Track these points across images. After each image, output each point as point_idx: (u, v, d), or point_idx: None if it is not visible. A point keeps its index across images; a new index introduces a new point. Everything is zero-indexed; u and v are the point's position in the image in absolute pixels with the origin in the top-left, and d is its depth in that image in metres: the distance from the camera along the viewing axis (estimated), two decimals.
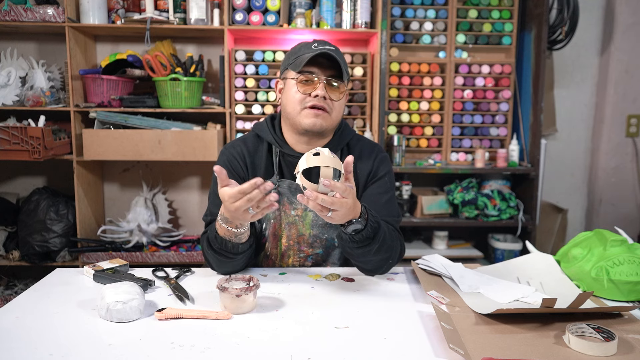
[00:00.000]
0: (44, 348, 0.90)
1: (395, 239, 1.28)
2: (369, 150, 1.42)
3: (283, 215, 1.35)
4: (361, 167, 1.38)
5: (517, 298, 1.13)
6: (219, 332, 0.98)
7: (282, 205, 1.34)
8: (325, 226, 1.36)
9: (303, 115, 1.29)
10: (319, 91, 1.27)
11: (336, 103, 1.31)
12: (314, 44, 1.30)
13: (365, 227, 1.14)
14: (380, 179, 1.39)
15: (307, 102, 1.29)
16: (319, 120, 1.28)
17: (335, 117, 1.32)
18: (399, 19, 2.71)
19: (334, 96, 1.30)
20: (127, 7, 2.46)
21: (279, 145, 1.36)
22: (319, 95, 1.27)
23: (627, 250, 1.18)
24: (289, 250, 1.38)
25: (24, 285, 2.63)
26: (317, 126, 1.29)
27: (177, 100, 2.38)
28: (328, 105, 1.29)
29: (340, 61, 1.28)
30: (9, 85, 2.37)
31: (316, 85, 1.28)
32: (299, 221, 1.35)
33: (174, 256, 2.46)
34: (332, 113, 1.30)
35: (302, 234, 1.36)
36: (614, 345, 0.89)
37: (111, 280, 1.20)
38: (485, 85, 2.79)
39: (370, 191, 1.37)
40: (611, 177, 3.10)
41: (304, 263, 1.40)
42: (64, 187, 2.63)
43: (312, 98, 1.28)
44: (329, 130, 1.34)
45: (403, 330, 1.00)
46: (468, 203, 2.65)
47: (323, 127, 1.30)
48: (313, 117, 1.28)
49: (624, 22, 2.95)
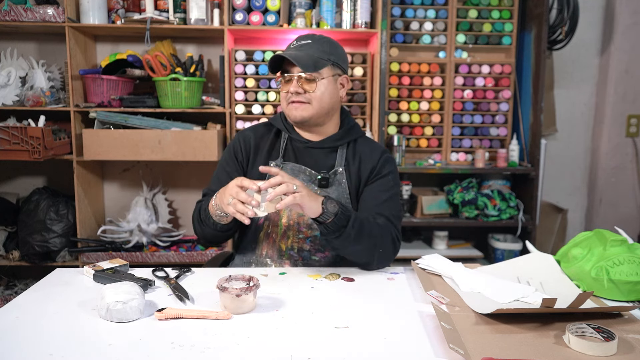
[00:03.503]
0: (44, 348, 0.90)
1: (382, 229, 1.33)
2: (375, 150, 1.49)
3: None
4: (365, 165, 1.45)
5: (517, 298, 1.13)
6: (219, 332, 0.98)
7: None
8: None
9: (288, 109, 1.44)
10: (291, 88, 1.40)
11: (314, 94, 1.40)
12: (293, 42, 1.44)
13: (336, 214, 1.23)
14: (382, 177, 1.44)
15: (289, 97, 1.42)
16: (298, 112, 1.41)
17: (318, 105, 1.41)
18: (399, 19, 2.71)
19: (307, 88, 1.40)
20: (127, 7, 2.46)
21: (287, 131, 1.49)
22: (291, 92, 1.40)
23: (627, 250, 1.18)
24: (289, 231, 1.44)
25: (24, 285, 2.63)
26: (298, 117, 1.42)
27: (177, 100, 2.38)
28: (305, 97, 1.40)
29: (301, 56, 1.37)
30: (9, 85, 2.37)
31: (290, 83, 1.41)
32: None
33: (174, 256, 2.46)
34: (312, 102, 1.41)
35: (301, 215, 1.42)
36: (614, 345, 0.89)
37: (111, 280, 1.20)
38: (485, 85, 2.79)
39: (371, 188, 1.44)
40: (611, 177, 3.10)
41: (303, 245, 1.44)
42: (64, 187, 2.63)
43: (291, 94, 1.41)
44: (320, 119, 1.44)
45: (403, 330, 1.00)
46: (468, 203, 2.65)
47: (304, 117, 1.41)
48: (294, 110, 1.42)
49: (623, 22, 2.95)
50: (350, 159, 1.46)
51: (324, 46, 1.42)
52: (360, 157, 1.47)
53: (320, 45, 1.41)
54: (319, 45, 1.41)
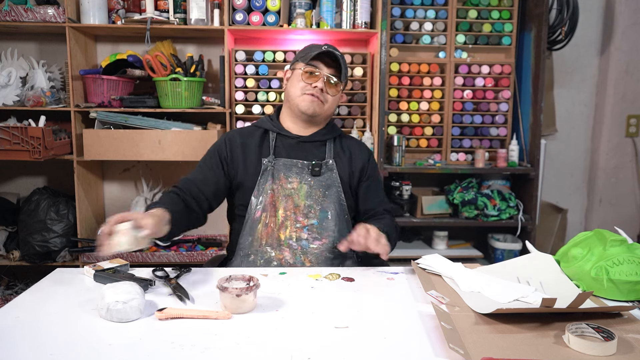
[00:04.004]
0: (44, 348, 0.90)
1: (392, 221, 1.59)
2: (364, 151, 1.63)
3: (280, 189, 1.51)
4: (355, 161, 1.59)
5: (517, 298, 1.13)
6: (219, 332, 0.98)
7: (278, 180, 1.51)
8: (319, 198, 1.51)
9: (301, 99, 1.50)
10: (319, 83, 1.49)
11: (330, 97, 1.52)
12: (325, 46, 1.51)
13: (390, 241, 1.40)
14: (372, 176, 1.62)
15: (307, 90, 1.50)
16: (313, 105, 1.50)
17: (327, 108, 1.54)
18: (399, 19, 2.71)
19: (330, 91, 1.52)
20: (127, 8, 2.46)
21: (277, 130, 1.56)
22: (317, 87, 1.49)
23: (627, 250, 1.18)
24: (286, 221, 1.49)
25: (24, 285, 2.63)
26: (310, 110, 1.50)
27: (177, 101, 2.38)
28: (323, 97, 1.51)
29: (342, 63, 1.51)
30: (10, 85, 2.37)
31: (318, 78, 1.49)
32: (295, 193, 1.50)
33: (174, 256, 2.46)
34: (325, 104, 1.52)
35: (297, 205, 1.49)
36: (613, 345, 0.89)
37: (111, 280, 1.20)
38: (485, 86, 2.79)
39: (367, 189, 1.60)
40: (611, 177, 3.10)
41: (300, 234, 1.48)
42: (64, 187, 2.63)
43: (312, 88, 1.49)
44: (321, 119, 1.56)
45: (403, 330, 1.00)
46: (468, 203, 2.65)
47: (316, 112, 1.51)
48: (309, 102, 1.49)
49: (623, 22, 2.96)
50: (340, 152, 1.58)
51: (345, 63, 1.53)
52: (350, 152, 1.59)
53: (344, 61, 1.53)
54: (344, 61, 1.52)
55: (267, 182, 1.50)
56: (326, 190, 1.52)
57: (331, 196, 1.51)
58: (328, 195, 1.51)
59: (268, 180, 1.50)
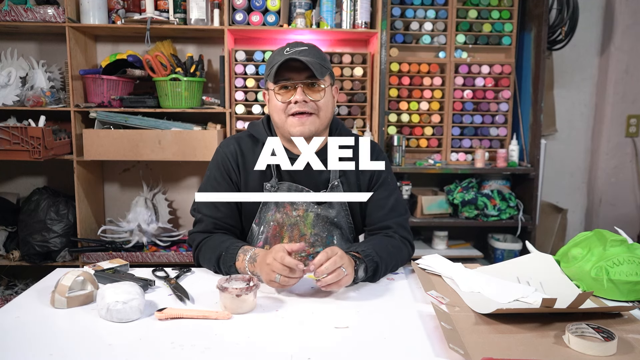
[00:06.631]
0: (44, 348, 0.90)
1: (400, 249, 1.34)
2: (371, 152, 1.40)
3: (285, 217, 1.37)
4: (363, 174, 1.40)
5: (517, 298, 1.13)
6: (219, 332, 0.98)
7: (283, 208, 1.37)
8: (325, 225, 1.39)
9: (289, 124, 1.29)
10: (297, 96, 1.26)
11: (320, 102, 1.29)
12: (286, 48, 1.29)
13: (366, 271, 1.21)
14: (383, 182, 1.41)
15: (289, 109, 1.28)
16: (306, 127, 1.28)
17: (324, 116, 1.31)
18: (399, 19, 2.71)
19: (315, 97, 1.28)
20: (127, 7, 2.46)
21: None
22: (298, 101, 1.26)
23: (627, 250, 1.18)
24: None
25: (24, 285, 2.63)
26: (305, 133, 1.28)
27: (177, 101, 2.38)
28: (311, 107, 1.28)
29: (311, 61, 1.25)
30: (9, 85, 2.37)
31: (294, 91, 1.27)
32: (301, 221, 1.38)
33: (174, 256, 2.46)
34: (319, 113, 1.30)
35: (303, 234, 1.38)
36: (613, 345, 0.89)
37: (111, 280, 1.20)
38: (485, 85, 2.79)
39: (376, 196, 1.39)
40: (611, 177, 3.10)
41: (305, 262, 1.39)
42: (64, 187, 2.63)
43: (294, 105, 1.27)
44: (322, 132, 1.34)
45: (403, 330, 1.00)
46: (468, 203, 2.65)
47: (312, 131, 1.29)
48: (299, 126, 1.28)
49: (623, 22, 2.96)
50: None
51: (320, 53, 1.31)
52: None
53: (317, 52, 1.30)
54: (316, 51, 1.30)
55: (270, 211, 1.37)
56: (334, 217, 1.39)
57: (338, 220, 1.40)
58: (335, 221, 1.39)
59: (271, 209, 1.37)
